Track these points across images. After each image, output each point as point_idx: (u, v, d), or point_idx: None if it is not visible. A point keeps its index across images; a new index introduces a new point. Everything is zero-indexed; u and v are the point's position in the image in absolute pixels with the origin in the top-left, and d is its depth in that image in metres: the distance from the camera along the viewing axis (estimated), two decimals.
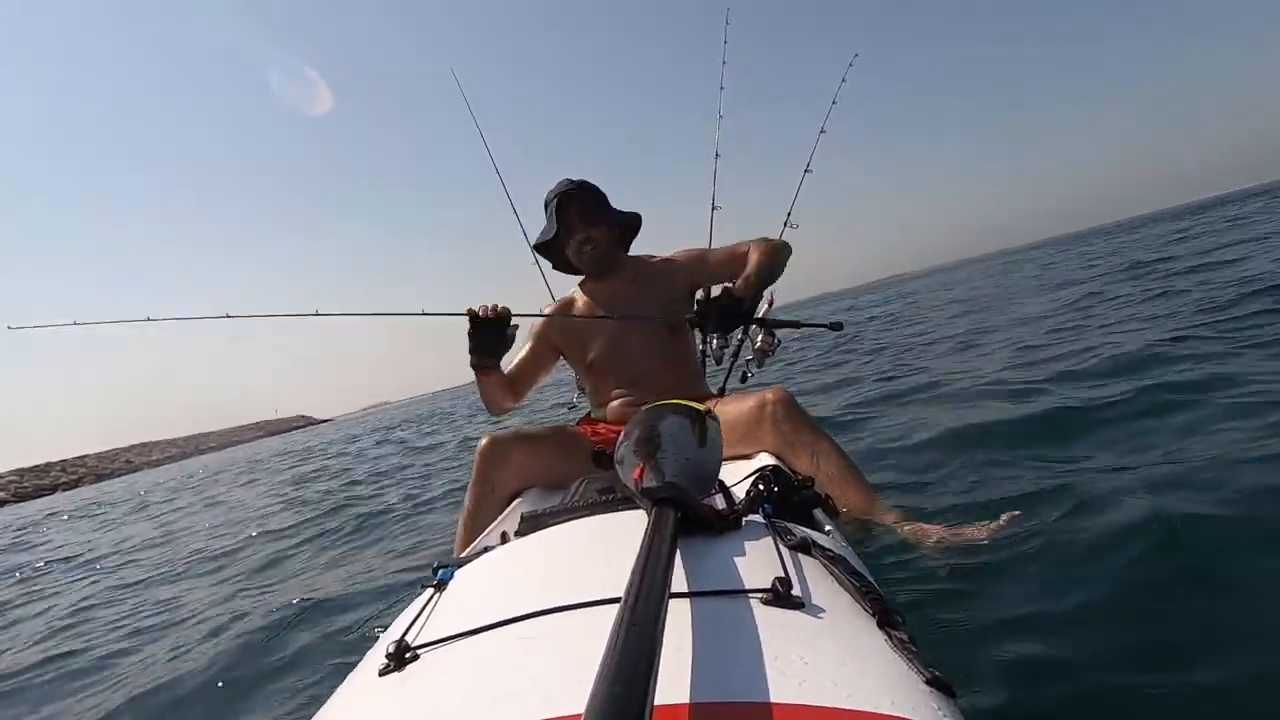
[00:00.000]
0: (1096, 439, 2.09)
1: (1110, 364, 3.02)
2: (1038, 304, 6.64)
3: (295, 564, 3.25)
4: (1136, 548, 1.28)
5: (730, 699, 0.47)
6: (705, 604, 0.60)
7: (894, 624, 0.59)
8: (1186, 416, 2.06)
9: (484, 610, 0.67)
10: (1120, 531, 1.34)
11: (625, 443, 1.01)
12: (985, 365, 3.92)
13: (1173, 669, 0.96)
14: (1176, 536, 1.28)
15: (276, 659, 1.94)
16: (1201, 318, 3.63)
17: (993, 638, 1.13)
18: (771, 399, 1.52)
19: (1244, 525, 1.31)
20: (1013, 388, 3.08)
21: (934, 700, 0.49)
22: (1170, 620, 1.08)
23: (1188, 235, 11.45)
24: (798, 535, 0.77)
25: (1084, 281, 7.67)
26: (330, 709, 0.66)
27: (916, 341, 6.31)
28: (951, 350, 5.11)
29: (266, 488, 7.91)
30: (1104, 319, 4.54)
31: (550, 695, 0.50)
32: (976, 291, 11.47)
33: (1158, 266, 7.07)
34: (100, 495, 17.90)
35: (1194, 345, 2.99)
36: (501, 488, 1.63)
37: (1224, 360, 2.63)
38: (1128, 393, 2.44)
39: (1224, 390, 2.22)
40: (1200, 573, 1.18)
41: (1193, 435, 1.89)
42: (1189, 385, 2.37)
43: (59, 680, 2.28)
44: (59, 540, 7.75)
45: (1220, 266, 5.64)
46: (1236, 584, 1.13)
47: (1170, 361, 2.78)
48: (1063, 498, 1.60)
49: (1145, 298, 4.98)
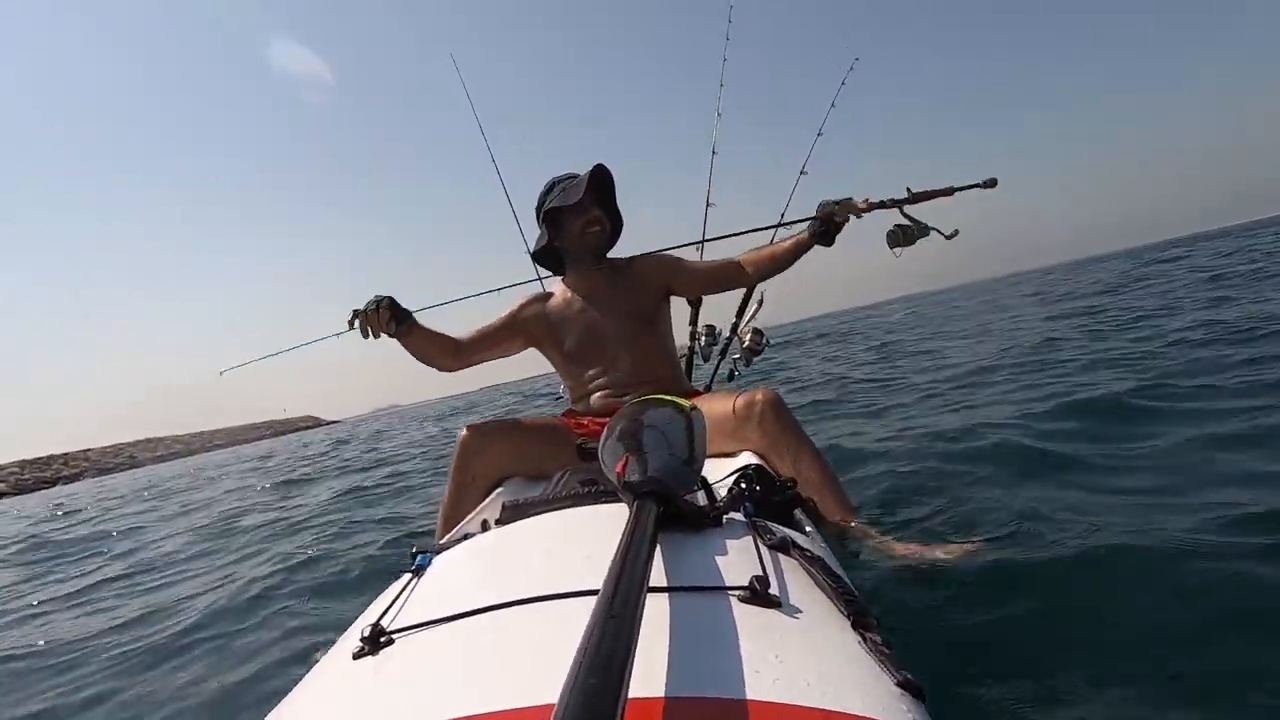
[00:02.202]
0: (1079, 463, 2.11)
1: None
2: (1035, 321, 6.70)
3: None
4: (1117, 567, 1.31)
5: (704, 694, 0.47)
6: (683, 599, 0.60)
7: (868, 626, 0.59)
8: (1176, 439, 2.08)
9: (461, 597, 0.66)
10: (1099, 551, 1.37)
11: (610, 435, 1.00)
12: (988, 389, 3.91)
13: (1142, 680, 0.99)
14: (1157, 556, 1.31)
15: (251, 639, 1.93)
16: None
17: (964, 644, 1.15)
18: (761, 399, 1.52)
19: (1234, 544, 1.34)
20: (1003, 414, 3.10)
21: (904, 702, 0.50)
22: (1147, 635, 1.11)
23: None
24: (777, 535, 0.77)
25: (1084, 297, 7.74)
26: (302, 690, 0.65)
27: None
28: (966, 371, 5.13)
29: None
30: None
31: (525, 684, 0.50)
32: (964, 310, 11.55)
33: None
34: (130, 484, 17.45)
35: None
36: (481, 476, 1.63)
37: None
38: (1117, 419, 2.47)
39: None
40: (1171, 590, 1.20)
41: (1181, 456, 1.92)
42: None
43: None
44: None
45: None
46: (1204, 600, 1.15)
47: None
48: (1044, 518, 1.62)
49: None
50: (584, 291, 1.84)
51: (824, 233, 1.67)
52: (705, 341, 2.47)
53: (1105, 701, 0.96)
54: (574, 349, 1.82)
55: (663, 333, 1.88)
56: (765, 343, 2.42)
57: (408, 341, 1.73)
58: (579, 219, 1.77)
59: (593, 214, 1.77)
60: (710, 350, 2.49)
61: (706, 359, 2.49)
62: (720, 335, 2.48)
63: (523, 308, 1.88)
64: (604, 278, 1.84)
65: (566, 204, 1.74)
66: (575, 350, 1.82)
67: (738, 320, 2.46)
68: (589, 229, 1.77)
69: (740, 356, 2.44)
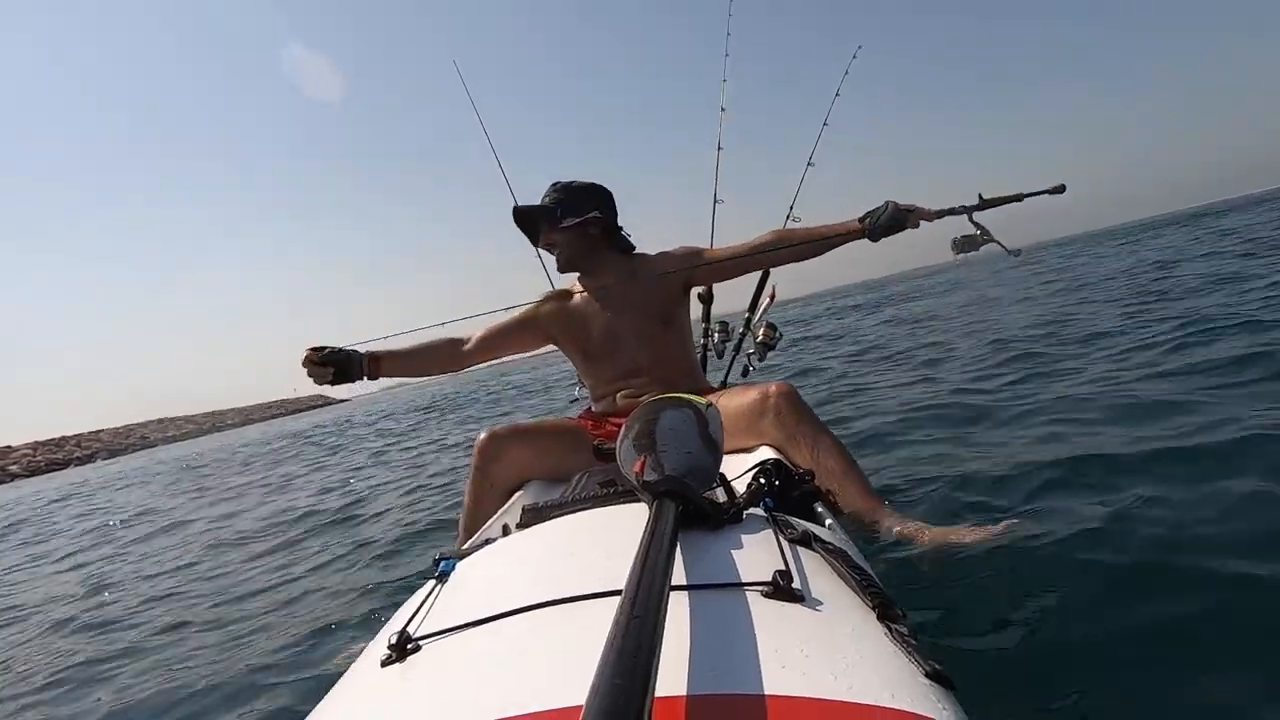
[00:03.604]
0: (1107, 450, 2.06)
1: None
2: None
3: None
4: (1140, 552, 1.29)
5: (730, 691, 0.47)
6: (706, 597, 0.60)
7: (894, 617, 0.59)
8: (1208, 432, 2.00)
9: (485, 602, 0.67)
10: (1125, 537, 1.36)
11: (626, 436, 1.01)
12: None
13: (1167, 666, 0.98)
14: (1179, 544, 1.29)
15: (280, 648, 1.95)
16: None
17: (992, 633, 1.14)
18: (775, 391, 1.52)
19: (1246, 532, 1.31)
20: (1022, 397, 3.07)
21: (934, 693, 0.49)
22: (1167, 620, 1.09)
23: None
24: (798, 529, 0.77)
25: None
26: (333, 700, 0.66)
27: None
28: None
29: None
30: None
31: (551, 687, 0.50)
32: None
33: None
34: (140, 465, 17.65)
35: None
36: (500, 481, 1.64)
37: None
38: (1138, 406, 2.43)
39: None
40: (1203, 579, 1.18)
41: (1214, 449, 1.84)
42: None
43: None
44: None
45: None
46: (1233, 589, 1.13)
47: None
48: (1068, 502, 1.60)
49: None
50: (602, 290, 1.84)
51: (880, 230, 1.63)
52: (718, 338, 2.47)
53: (1139, 689, 0.94)
54: (593, 348, 1.83)
55: (682, 331, 1.88)
56: (778, 336, 2.42)
57: (388, 373, 1.77)
58: (542, 245, 1.92)
59: (545, 240, 1.87)
60: (724, 347, 2.48)
61: (720, 355, 2.49)
62: (734, 331, 2.48)
63: (541, 305, 1.89)
64: (622, 276, 1.84)
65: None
66: (594, 349, 1.83)
67: (750, 315, 2.45)
68: (551, 252, 1.88)
69: (754, 352, 2.43)
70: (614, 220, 1.86)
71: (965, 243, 1.66)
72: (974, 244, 1.66)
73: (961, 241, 1.67)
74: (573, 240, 1.82)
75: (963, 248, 1.67)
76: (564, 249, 1.83)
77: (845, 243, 1.71)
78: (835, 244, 1.72)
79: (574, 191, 1.83)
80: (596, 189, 1.85)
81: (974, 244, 1.66)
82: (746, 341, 2.46)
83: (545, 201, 1.83)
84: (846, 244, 1.71)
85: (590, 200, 1.82)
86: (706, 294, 2.39)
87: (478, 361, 1.86)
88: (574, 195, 1.83)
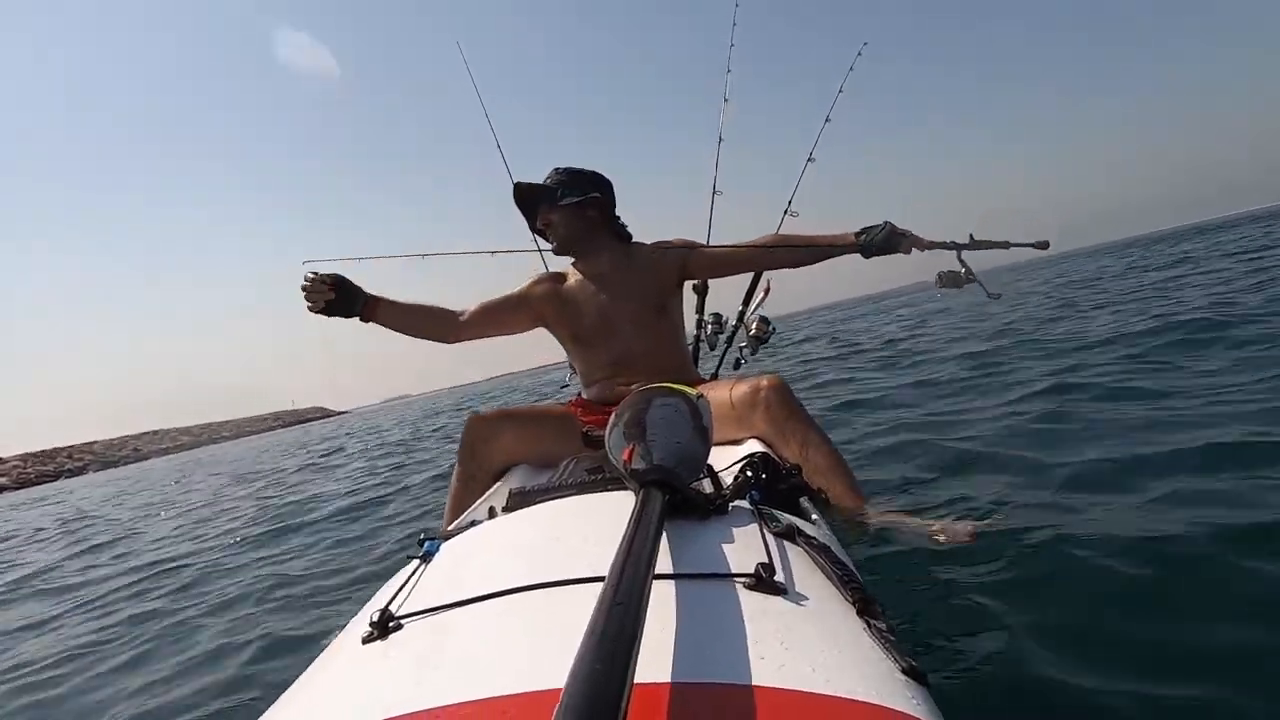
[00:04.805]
0: (1097, 445, 2.08)
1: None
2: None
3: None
4: (1123, 554, 1.30)
5: (710, 680, 0.48)
6: (689, 586, 0.60)
7: (874, 613, 0.59)
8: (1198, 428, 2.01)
9: (469, 583, 0.67)
10: (1106, 535, 1.37)
11: (615, 424, 1.00)
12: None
13: (1145, 669, 0.98)
14: (1160, 542, 1.30)
15: (264, 625, 1.95)
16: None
17: (970, 632, 1.14)
18: (767, 385, 1.52)
19: (1224, 530, 1.33)
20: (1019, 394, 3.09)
21: (909, 689, 0.50)
22: (1148, 623, 1.10)
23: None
24: (783, 522, 0.77)
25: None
26: (312, 675, 0.66)
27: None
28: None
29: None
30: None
31: (532, 669, 0.50)
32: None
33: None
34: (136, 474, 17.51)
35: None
36: (488, 464, 1.63)
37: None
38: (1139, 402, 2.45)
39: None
40: (1185, 580, 1.19)
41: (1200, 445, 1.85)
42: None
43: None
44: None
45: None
46: (1219, 592, 1.14)
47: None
48: (1050, 499, 1.61)
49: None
50: (597, 275, 1.84)
51: (874, 248, 1.66)
52: (711, 330, 2.47)
53: (1115, 688, 0.95)
54: (585, 332, 1.82)
55: (674, 320, 1.88)
56: (771, 331, 2.42)
57: (383, 321, 1.72)
58: (540, 224, 1.91)
59: (543, 220, 1.86)
60: (716, 339, 2.49)
61: (713, 347, 2.49)
62: (727, 324, 2.48)
63: (535, 285, 1.88)
64: (610, 263, 1.84)
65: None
66: (587, 334, 1.82)
67: (744, 308, 2.45)
68: (547, 236, 1.89)
69: (747, 345, 2.43)
70: (612, 205, 1.86)
71: (949, 278, 1.72)
72: (957, 281, 1.71)
73: (947, 276, 1.72)
74: (570, 220, 1.81)
75: (947, 283, 1.73)
76: (561, 229, 1.82)
77: (840, 254, 1.75)
78: (830, 254, 1.76)
79: (575, 174, 1.83)
80: (596, 175, 1.86)
81: (957, 281, 1.71)
82: (739, 334, 2.46)
83: (546, 182, 1.83)
84: (840, 256, 1.75)
85: (590, 184, 1.83)
86: (701, 285, 2.39)
87: (470, 336, 1.84)
88: (575, 178, 1.83)
